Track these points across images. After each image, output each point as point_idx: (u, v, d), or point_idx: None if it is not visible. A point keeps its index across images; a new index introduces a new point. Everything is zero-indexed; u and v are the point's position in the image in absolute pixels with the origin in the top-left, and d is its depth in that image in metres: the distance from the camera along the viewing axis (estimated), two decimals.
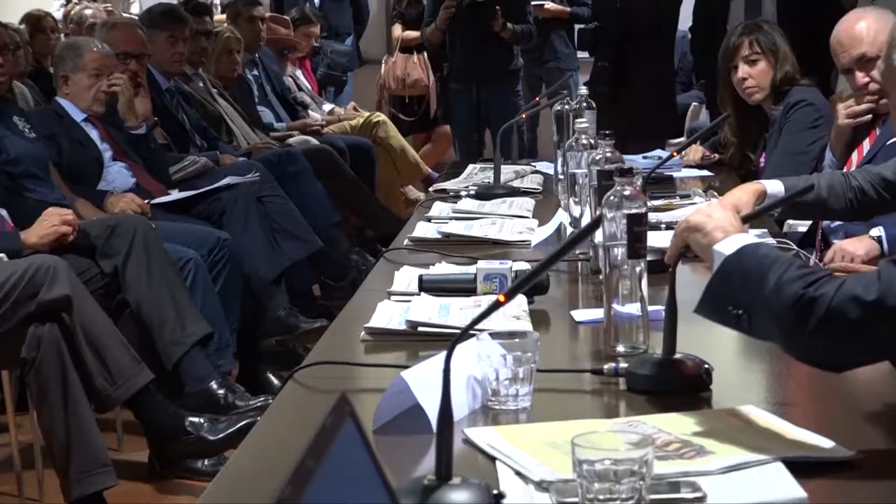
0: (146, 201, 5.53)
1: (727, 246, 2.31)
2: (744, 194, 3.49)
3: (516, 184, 5.20)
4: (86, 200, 5.42)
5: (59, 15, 8.51)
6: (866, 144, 4.35)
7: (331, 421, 1.23)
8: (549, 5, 9.02)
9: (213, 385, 4.76)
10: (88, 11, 7.84)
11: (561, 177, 4.22)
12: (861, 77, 4.24)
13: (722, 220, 2.42)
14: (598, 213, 2.83)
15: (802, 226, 4.43)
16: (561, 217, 3.86)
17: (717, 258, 2.32)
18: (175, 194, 5.82)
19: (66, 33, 7.43)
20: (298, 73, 9.05)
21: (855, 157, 4.37)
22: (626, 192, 2.59)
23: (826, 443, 2.01)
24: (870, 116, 4.36)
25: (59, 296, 4.16)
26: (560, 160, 4.36)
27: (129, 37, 6.46)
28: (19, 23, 7.58)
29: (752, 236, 2.31)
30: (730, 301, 2.24)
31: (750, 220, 2.90)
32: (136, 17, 7.54)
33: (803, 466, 1.92)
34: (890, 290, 1.97)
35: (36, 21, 7.78)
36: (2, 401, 4.75)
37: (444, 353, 1.86)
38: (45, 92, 6.44)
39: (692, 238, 2.44)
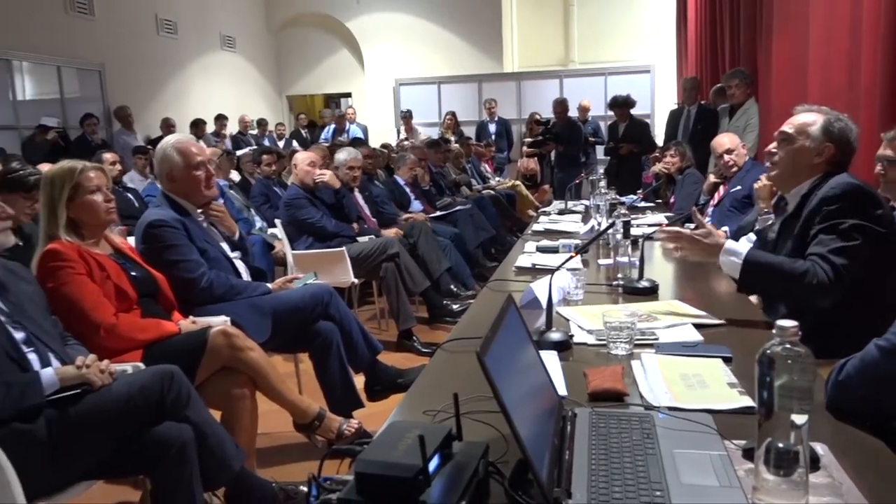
0: (427, 216, 5.58)
1: (737, 248, 2.00)
2: None
3: (574, 208, 5.09)
4: (423, 213, 5.59)
5: (394, 144, 8.60)
6: (721, 191, 4.17)
7: (505, 304, 1.24)
8: (591, 139, 8.84)
9: (452, 286, 4.80)
10: (406, 143, 7.96)
11: (591, 205, 4.15)
12: (727, 159, 4.04)
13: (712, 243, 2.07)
14: (611, 220, 2.78)
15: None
16: (592, 222, 3.78)
17: (735, 256, 1.98)
18: (438, 213, 5.86)
19: (397, 151, 7.51)
20: (486, 165, 8.97)
21: (717, 197, 4.18)
22: (622, 211, 2.56)
23: (710, 316, 1.95)
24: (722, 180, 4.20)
25: (394, 252, 4.28)
26: (592, 199, 4.28)
27: (420, 152, 6.56)
28: (380, 146, 7.70)
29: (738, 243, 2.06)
30: (757, 282, 1.99)
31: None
32: (424, 143, 7.61)
33: (701, 326, 1.88)
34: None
35: (386, 147, 7.89)
36: (370, 294, 4.87)
37: (549, 277, 1.92)
38: (389, 173, 6.50)
39: (694, 246, 2.08)
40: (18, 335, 1.83)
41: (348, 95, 12.74)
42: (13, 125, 7.53)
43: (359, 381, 2.96)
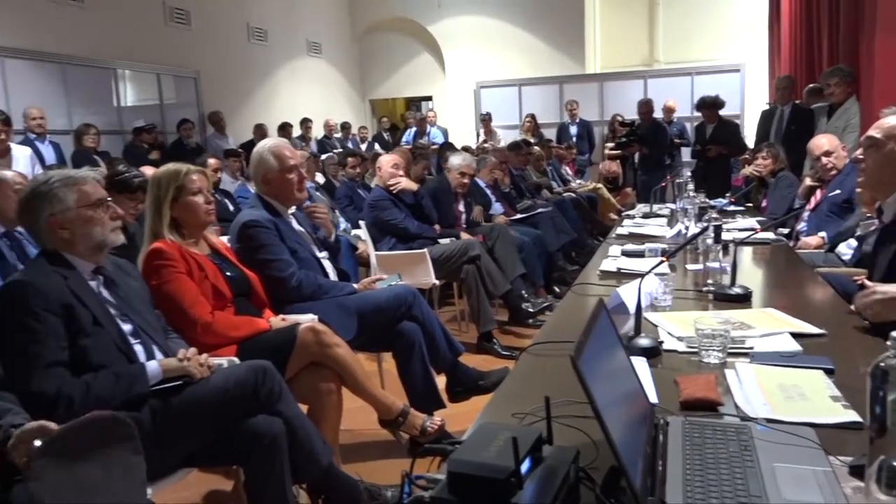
0: (508, 219, 5.53)
1: None
2: None
3: (660, 211, 4.95)
4: (503, 216, 5.57)
5: (473, 147, 8.60)
6: (818, 195, 3.98)
7: (596, 309, 1.23)
8: (676, 141, 8.60)
9: (523, 292, 4.63)
10: (487, 145, 7.96)
11: (678, 208, 4.02)
12: (825, 161, 3.87)
13: None
14: (703, 225, 2.69)
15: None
16: (679, 226, 3.67)
17: None
18: (518, 216, 5.79)
19: (477, 153, 7.50)
20: (567, 168, 8.85)
21: (813, 201, 4.00)
22: (713, 215, 2.46)
23: (809, 326, 1.86)
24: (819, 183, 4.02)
25: (475, 254, 4.24)
26: (678, 202, 4.16)
27: (501, 154, 6.53)
28: (461, 149, 7.68)
29: None
30: None
31: None
32: (505, 147, 7.56)
33: (799, 335, 1.80)
34: None
35: (467, 149, 7.90)
36: (450, 295, 4.86)
37: (637, 281, 1.84)
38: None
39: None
40: (126, 327, 1.94)
41: (429, 98, 12.85)
42: (118, 130, 7.99)
43: (440, 381, 2.96)
